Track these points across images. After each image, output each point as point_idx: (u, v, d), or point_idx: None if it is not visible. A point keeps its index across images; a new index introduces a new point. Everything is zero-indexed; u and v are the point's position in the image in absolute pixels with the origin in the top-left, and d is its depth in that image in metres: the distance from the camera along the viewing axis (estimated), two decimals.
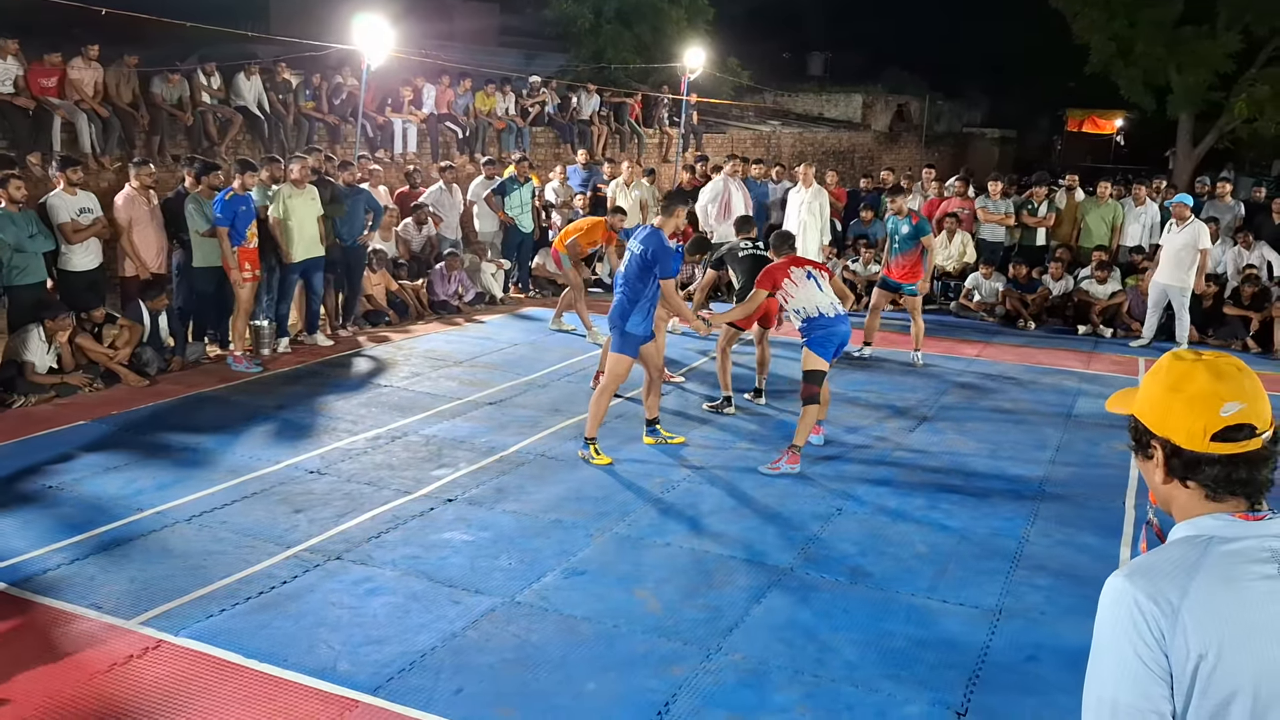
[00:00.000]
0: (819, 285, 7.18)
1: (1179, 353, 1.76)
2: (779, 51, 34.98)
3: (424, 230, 12.47)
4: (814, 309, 7.08)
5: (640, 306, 6.81)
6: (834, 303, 7.16)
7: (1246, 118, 24.08)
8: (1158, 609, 1.59)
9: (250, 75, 12.79)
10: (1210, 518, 1.69)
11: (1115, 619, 1.63)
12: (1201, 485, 1.69)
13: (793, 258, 7.48)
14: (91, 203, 8.87)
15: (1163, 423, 1.72)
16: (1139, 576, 1.64)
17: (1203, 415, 1.66)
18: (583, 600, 5.02)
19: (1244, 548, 1.63)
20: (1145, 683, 1.59)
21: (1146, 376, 1.78)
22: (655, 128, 20.37)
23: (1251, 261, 12.21)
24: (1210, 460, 1.67)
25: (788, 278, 7.19)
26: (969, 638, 4.76)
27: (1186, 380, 1.70)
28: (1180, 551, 1.67)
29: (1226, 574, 1.60)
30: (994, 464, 7.29)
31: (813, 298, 7.11)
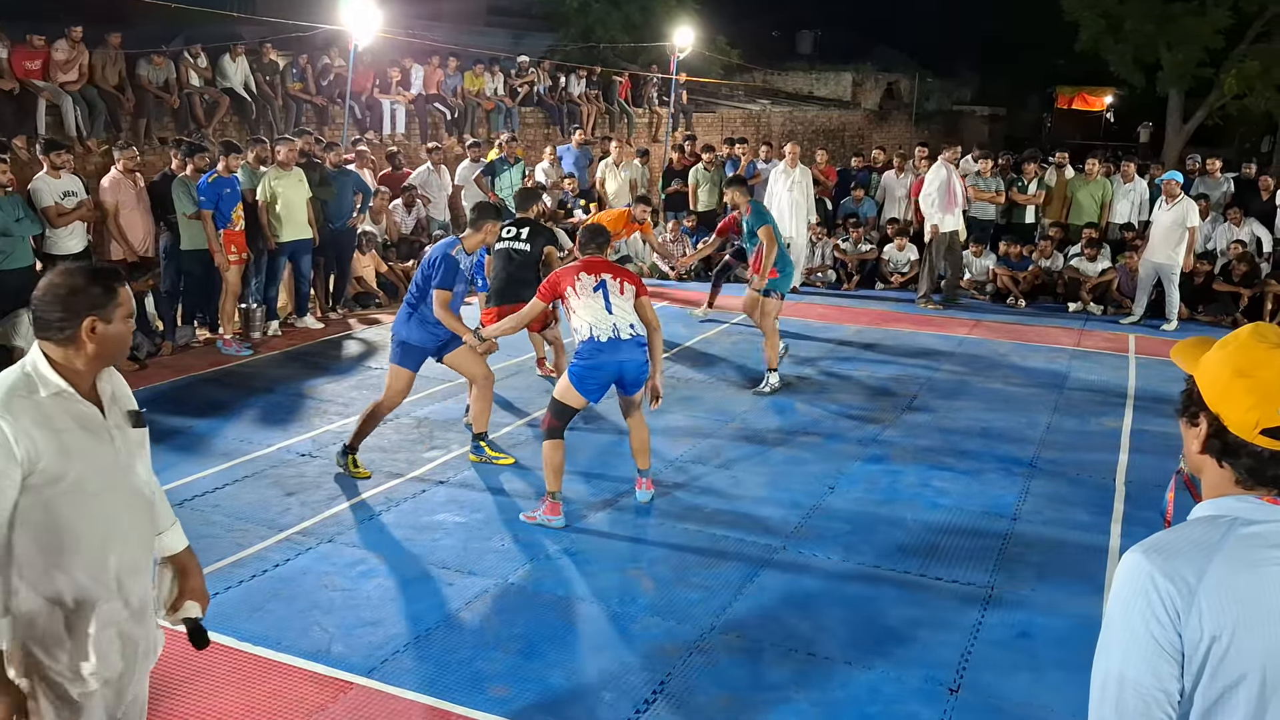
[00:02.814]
0: (607, 301, 5.64)
1: (1262, 330, 1.68)
2: (768, 30, 34.83)
3: (413, 212, 12.41)
4: (588, 330, 5.61)
5: (422, 316, 6.16)
6: (619, 325, 5.61)
7: (1236, 94, 24.08)
8: (1174, 588, 1.57)
9: (236, 57, 12.69)
10: (1236, 499, 1.66)
11: (1130, 595, 1.61)
12: (1234, 470, 1.66)
13: (591, 261, 5.85)
14: (76, 186, 8.79)
15: (1219, 400, 1.67)
16: (1156, 554, 1.61)
17: (1260, 407, 1.61)
18: (576, 581, 5.03)
19: (1266, 531, 1.61)
20: (1155, 660, 1.57)
21: (1220, 344, 1.71)
22: (645, 107, 20.29)
23: (1241, 238, 12.23)
24: (1252, 451, 1.63)
25: (571, 286, 5.68)
26: (961, 615, 4.79)
27: (1259, 366, 1.63)
28: (1200, 531, 1.64)
29: (1246, 557, 1.58)
30: (985, 442, 7.31)
31: (594, 316, 5.62)
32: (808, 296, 12.61)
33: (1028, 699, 4.10)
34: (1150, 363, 9.69)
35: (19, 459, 2.33)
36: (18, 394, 2.38)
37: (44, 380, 2.41)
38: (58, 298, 2.43)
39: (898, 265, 13.32)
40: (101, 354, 2.48)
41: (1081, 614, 4.76)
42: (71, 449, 2.40)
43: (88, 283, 2.46)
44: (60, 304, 2.43)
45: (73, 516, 2.42)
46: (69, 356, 2.45)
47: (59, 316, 2.43)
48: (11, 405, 2.35)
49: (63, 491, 2.39)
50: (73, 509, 2.42)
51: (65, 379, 2.44)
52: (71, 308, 2.43)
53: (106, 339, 2.48)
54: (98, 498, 2.46)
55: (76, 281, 2.45)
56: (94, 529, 2.46)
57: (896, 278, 13.26)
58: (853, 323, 11.16)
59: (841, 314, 11.61)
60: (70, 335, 2.43)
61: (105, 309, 2.47)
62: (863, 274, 13.32)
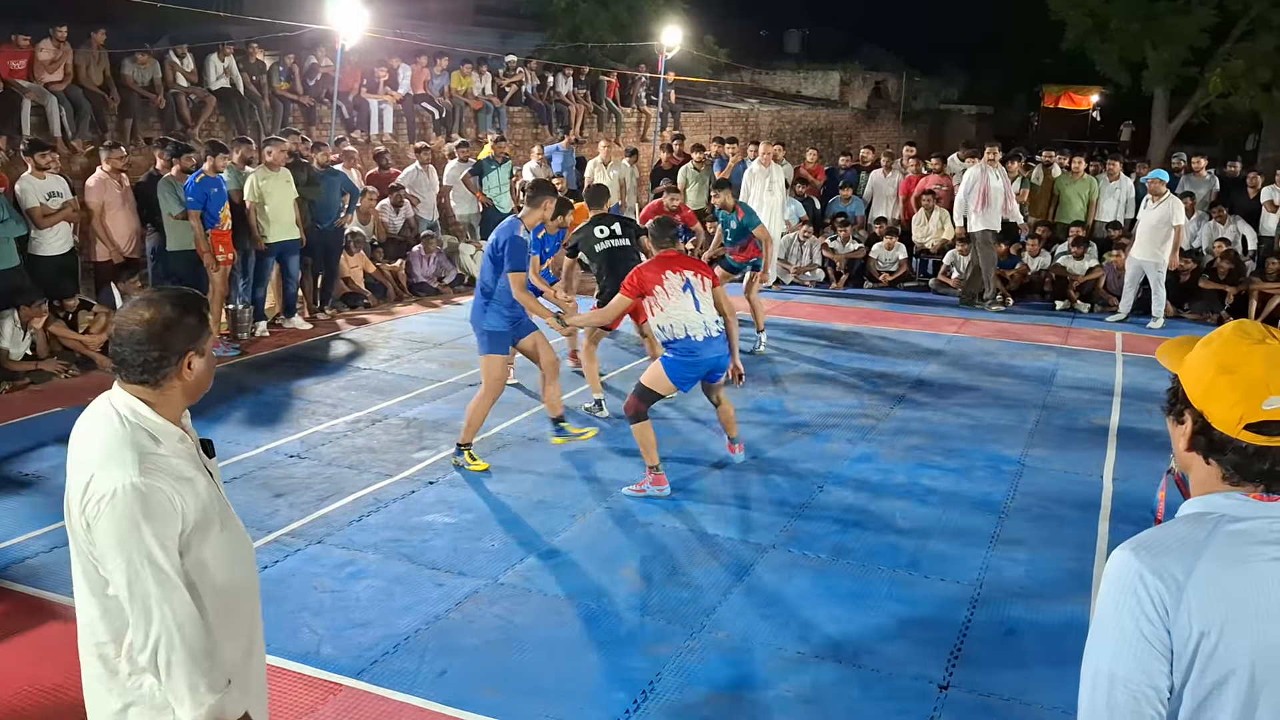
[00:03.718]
0: (695, 299, 5.99)
1: (1245, 327, 1.69)
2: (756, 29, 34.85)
3: (401, 212, 12.39)
4: (683, 329, 5.94)
5: (496, 301, 6.22)
6: (708, 322, 5.99)
7: (1221, 92, 24.20)
8: (1163, 585, 1.57)
9: (223, 56, 12.63)
10: (1223, 496, 1.66)
11: (1119, 592, 1.61)
12: (1221, 466, 1.67)
13: (670, 256, 6.17)
14: (61, 186, 8.76)
15: (1203, 397, 1.67)
16: (1145, 551, 1.62)
17: (1244, 402, 1.62)
18: (566, 580, 5.03)
19: (1253, 528, 1.61)
20: (1145, 657, 1.58)
21: (1203, 341, 1.72)
22: (633, 107, 20.28)
23: (1226, 236, 12.29)
24: (1237, 447, 1.63)
25: (660, 285, 5.96)
26: (950, 612, 4.80)
27: (1241, 362, 1.64)
28: (1188, 528, 1.65)
29: (1233, 554, 1.59)
30: (974, 439, 7.33)
31: (685, 316, 5.95)
32: (796, 295, 12.63)
33: (1017, 695, 4.12)
34: (1137, 360, 9.73)
35: (179, 513, 2.14)
36: (147, 451, 2.15)
37: (159, 430, 2.20)
38: (153, 335, 2.17)
39: (886, 264, 13.35)
40: (194, 389, 2.28)
41: (1069, 611, 4.78)
42: (204, 496, 2.22)
43: (181, 314, 2.21)
44: (157, 342, 2.17)
45: (222, 567, 2.26)
46: (164, 397, 2.22)
47: (157, 356, 2.17)
48: (149, 465, 2.13)
49: (210, 542, 2.23)
50: (219, 559, 2.25)
51: (168, 419, 2.23)
52: (170, 345, 2.18)
53: (201, 373, 2.27)
54: (228, 543, 2.30)
55: (169, 313, 2.19)
56: (237, 575, 2.32)
57: (884, 276, 13.29)
58: (841, 321, 11.18)
59: (830, 313, 11.63)
60: (167, 374, 2.19)
61: (200, 340, 2.24)
62: (851, 273, 13.34)
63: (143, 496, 2.08)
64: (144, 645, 2.10)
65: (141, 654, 2.11)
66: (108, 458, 2.13)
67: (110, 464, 2.11)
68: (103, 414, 2.21)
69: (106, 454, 2.13)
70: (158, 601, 2.08)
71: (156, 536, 2.08)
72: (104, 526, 2.09)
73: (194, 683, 2.11)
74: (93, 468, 2.13)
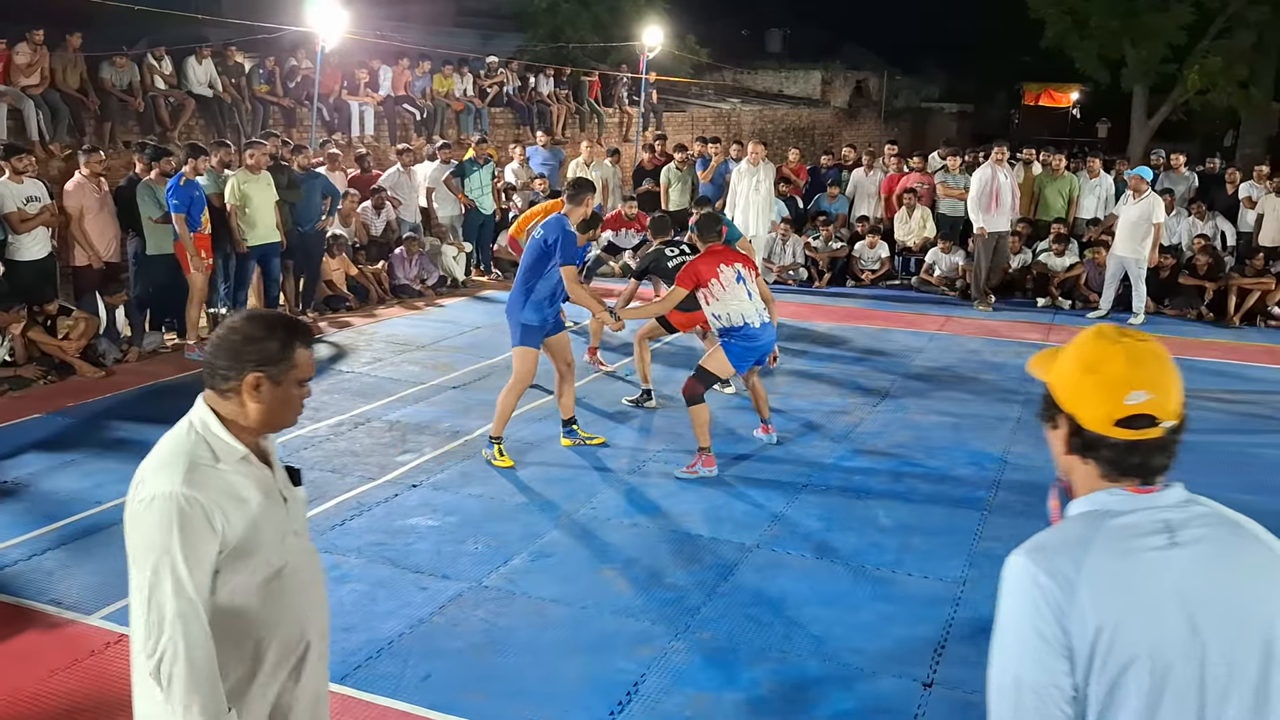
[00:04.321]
0: (748, 290, 6.39)
1: (1103, 330, 1.76)
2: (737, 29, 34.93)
3: (383, 214, 12.35)
4: (739, 318, 6.34)
5: (537, 296, 6.37)
6: (760, 310, 6.42)
7: (1199, 89, 24.37)
8: (1055, 585, 1.62)
9: (201, 59, 12.57)
10: (1104, 493, 1.72)
11: (1016, 596, 1.67)
12: (1097, 464, 1.73)
13: (721, 250, 6.53)
14: (39, 191, 8.69)
15: (1071, 399, 1.74)
16: (1037, 553, 1.68)
17: (1109, 400, 1.68)
18: (550, 583, 5.02)
19: (1136, 520, 1.67)
20: (1046, 657, 1.62)
21: (1067, 347, 1.79)
22: (615, 107, 20.29)
23: (1205, 232, 12.38)
24: (1109, 443, 1.70)
25: (716, 278, 6.33)
26: (934, 610, 4.81)
27: (1102, 362, 1.71)
28: (1076, 527, 1.71)
29: (1119, 547, 1.64)
30: (956, 437, 7.35)
31: (740, 305, 6.33)
32: (779, 294, 12.59)
33: None
34: None
35: (218, 532, 2.10)
36: (201, 463, 2.13)
37: (224, 446, 2.17)
38: (229, 344, 2.17)
39: (868, 263, 13.38)
40: (264, 418, 2.21)
41: None
42: (259, 520, 2.17)
43: (265, 334, 2.18)
44: (230, 352, 2.16)
45: (265, 602, 2.21)
46: (234, 412, 2.19)
47: (224, 365, 2.16)
48: (197, 477, 2.10)
49: (251, 571, 2.17)
50: (261, 591, 2.20)
51: (237, 437, 2.19)
52: (240, 357, 2.15)
53: (271, 402, 2.19)
54: (283, 572, 2.24)
55: (253, 330, 2.18)
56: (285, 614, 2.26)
57: (867, 275, 13.33)
58: (824, 320, 11.20)
59: (813, 311, 11.65)
60: (233, 388, 2.17)
61: (275, 367, 2.17)
62: (834, 271, 13.37)
63: (182, 507, 2.07)
64: (151, 653, 2.09)
65: (149, 660, 2.10)
66: (160, 463, 2.14)
67: (161, 469, 2.12)
68: (182, 420, 2.23)
69: (160, 459, 2.15)
70: (171, 615, 2.07)
71: (185, 550, 2.07)
72: (137, 529, 2.11)
73: (189, 702, 2.08)
74: (145, 472, 2.15)
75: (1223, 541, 1.66)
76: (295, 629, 2.30)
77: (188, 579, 2.07)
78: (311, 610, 2.35)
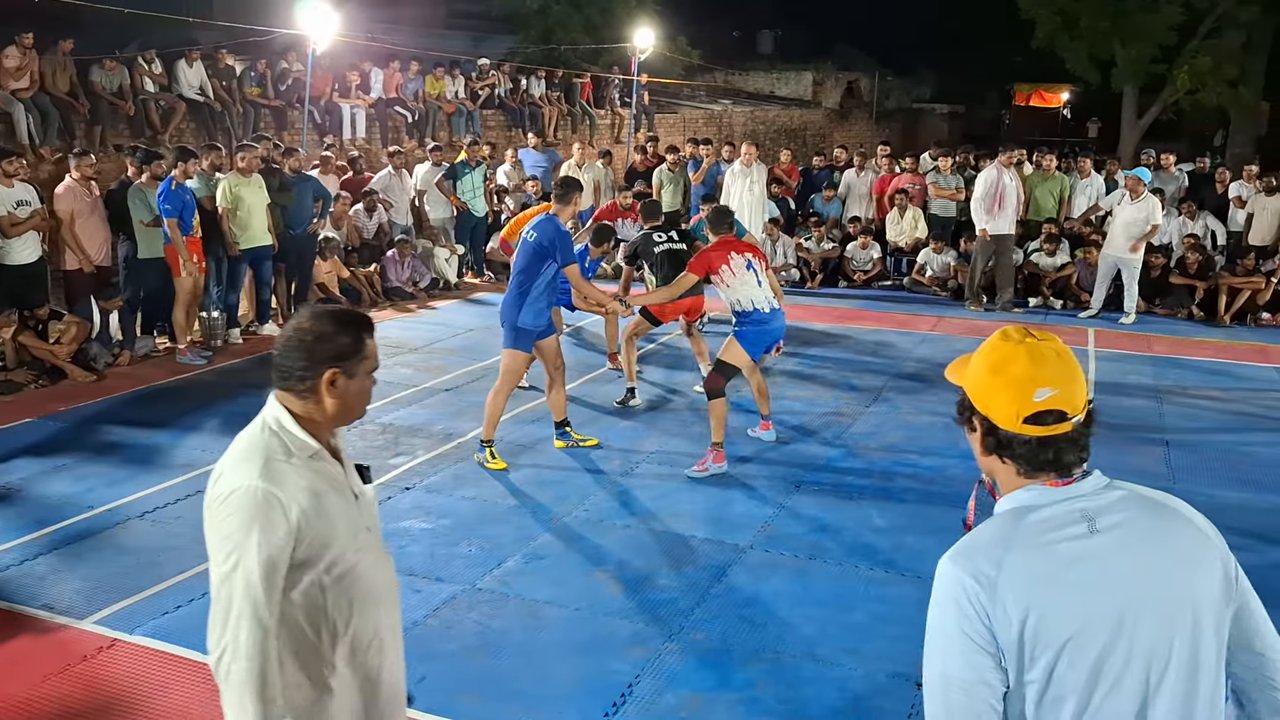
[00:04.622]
0: (758, 277, 6.55)
1: (1007, 332, 1.82)
2: (728, 30, 34.93)
3: (374, 217, 12.34)
4: (749, 303, 6.51)
5: (532, 299, 6.39)
6: (769, 297, 6.58)
7: (1189, 89, 24.45)
8: (978, 585, 1.67)
9: (192, 62, 12.54)
10: (1024, 491, 1.78)
11: (943, 599, 1.72)
12: (1014, 463, 1.78)
13: (731, 241, 6.71)
14: (29, 195, 8.67)
15: (983, 401, 1.80)
16: (961, 556, 1.73)
17: (1017, 399, 1.74)
18: (544, 585, 5.02)
19: (1054, 513, 1.72)
20: (972, 655, 1.67)
21: (977, 352, 1.85)
22: (607, 109, 20.28)
23: (1195, 231, 12.42)
24: (1021, 441, 1.75)
25: (726, 265, 6.49)
26: (927, 610, 4.81)
27: (1007, 363, 1.77)
28: (996, 527, 1.76)
29: (1038, 540, 1.69)
30: (948, 437, 7.37)
31: (750, 291, 6.50)
32: None
33: None
34: (1108, 355, 9.81)
35: (293, 527, 2.10)
36: (276, 458, 2.14)
37: (297, 441, 2.19)
38: (302, 344, 2.18)
39: (860, 263, 13.41)
40: (340, 411, 2.23)
41: None
42: (333, 515, 2.18)
43: (337, 330, 2.21)
44: (304, 351, 2.18)
45: (341, 596, 2.21)
46: (310, 410, 2.21)
47: (301, 365, 2.18)
48: (273, 472, 2.12)
49: (328, 567, 2.18)
50: (338, 586, 2.20)
51: (310, 434, 2.21)
52: (315, 356, 2.18)
53: (348, 395, 2.22)
54: (358, 572, 2.25)
55: (325, 328, 2.20)
56: (360, 608, 2.26)
57: (859, 276, 13.35)
58: (817, 321, 11.22)
59: (806, 312, 11.66)
60: (310, 387, 2.19)
61: (350, 361, 2.21)
62: (826, 272, 13.39)
63: (260, 502, 2.08)
64: (215, 646, 2.10)
65: (213, 653, 2.10)
66: (237, 458, 2.16)
67: (239, 464, 2.14)
68: (255, 420, 2.25)
69: (237, 455, 2.17)
70: (237, 612, 2.07)
71: (260, 546, 2.07)
72: (214, 523, 2.11)
73: (244, 703, 2.07)
74: (223, 467, 2.17)
75: (1143, 523, 1.71)
76: (369, 625, 2.29)
77: (258, 577, 2.06)
78: (385, 606, 2.35)
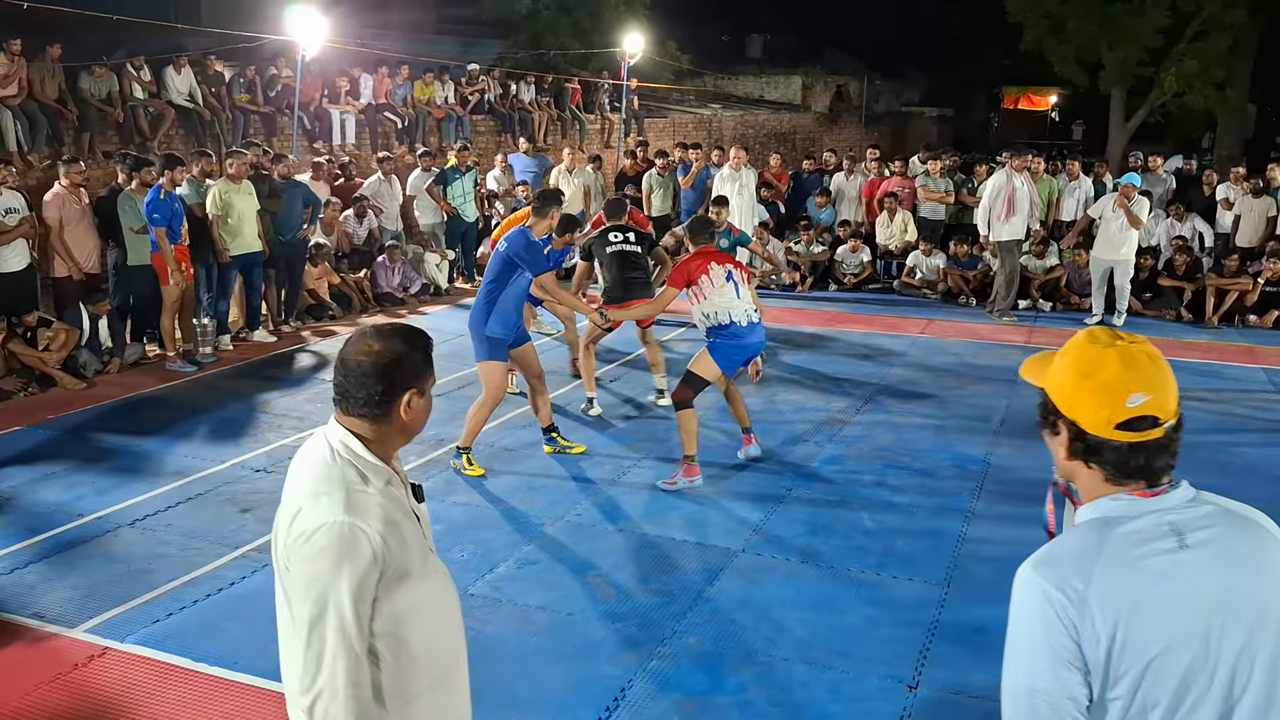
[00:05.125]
0: (737, 289, 6.38)
1: (1094, 333, 1.77)
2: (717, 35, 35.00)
3: (365, 222, 12.33)
4: (727, 316, 6.31)
5: (500, 309, 6.36)
6: (749, 310, 6.39)
7: (1176, 92, 24.57)
8: (1065, 598, 1.63)
9: (180, 68, 12.51)
10: (1110, 499, 1.73)
11: (1027, 611, 1.68)
12: (1101, 469, 1.73)
13: (712, 251, 6.55)
14: (17, 202, 8.64)
15: (1070, 405, 1.75)
16: (1045, 567, 1.69)
17: (1109, 404, 1.69)
18: (536, 590, 5.02)
19: (1143, 526, 1.68)
20: (1059, 669, 1.63)
21: (1060, 352, 1.80)
22: (596, 113, 20.30)
23: (1183, 233, 12.47)
24: (1112, 447, 1.70)
25: (706, 275, 6.33)
26: (919, 612, 4.83)
27: (1097, 366, 1.71)
28: (1083, 537, 1.71)
29: (1127, 554, 1.65)
30: (940, 439, 7.39)
31: (729, 303, 6.32)
32: (762, 298, 12.64)
33: (986, 693, 4.15)
34: None
35: (379, 559, 2.00)
36: (355, 488, 2.04)
37: (372, 467, 2.09)
38: (378, 368, 2.08)
39: (850, 267, 13.44)
40: (411, 429, 2.16)
41: None
42: (409, 542, 2.08)
43: (410, 349, 2.12)
44: (382, 375, 2.08)
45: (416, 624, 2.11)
46: (380, 432, 2.12)
47: (380, 390, 2.08)
48: (356, 503, 2.01)
49: (407, 593, 2.07)
50: (414, 615, 2.10)
51: (380, 458, 2.12)
52: (395, 379, 2.09)
53: (420, 413, 2.16)
54: (432, 593, 2.16)
55: (398, 347, 2.11)
56: (431, 635, 2.16)
57: (849, 279, 13.38)
58: (807, 324, 11.24)
59: (796, 315, 11.69)
60: (386, 410, 2.10)
61: (423, 379, 2.15)
62: (816, 276, 13.42)
63: (347, 537, 1.97)
64: (307, 690, 2.00)
65: (303, 697, 2.01)
66: (317, 492, 2.04)
67: (320, 499, 2.02)
68: (316, 447, 2.13)
69: (315, 488, 2.05)
70: (331, 653, 1.97)
71: (351, 583, 1.97)
72: (300, 561, 2.00)
73: None
74: (301, 501, 2.05)
75: (1231, 539, 1.67)
76: (443, 649, 2.22)
77: (351, 616, 1.97)
78: (453, 627, 2.26)
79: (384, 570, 2.02)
